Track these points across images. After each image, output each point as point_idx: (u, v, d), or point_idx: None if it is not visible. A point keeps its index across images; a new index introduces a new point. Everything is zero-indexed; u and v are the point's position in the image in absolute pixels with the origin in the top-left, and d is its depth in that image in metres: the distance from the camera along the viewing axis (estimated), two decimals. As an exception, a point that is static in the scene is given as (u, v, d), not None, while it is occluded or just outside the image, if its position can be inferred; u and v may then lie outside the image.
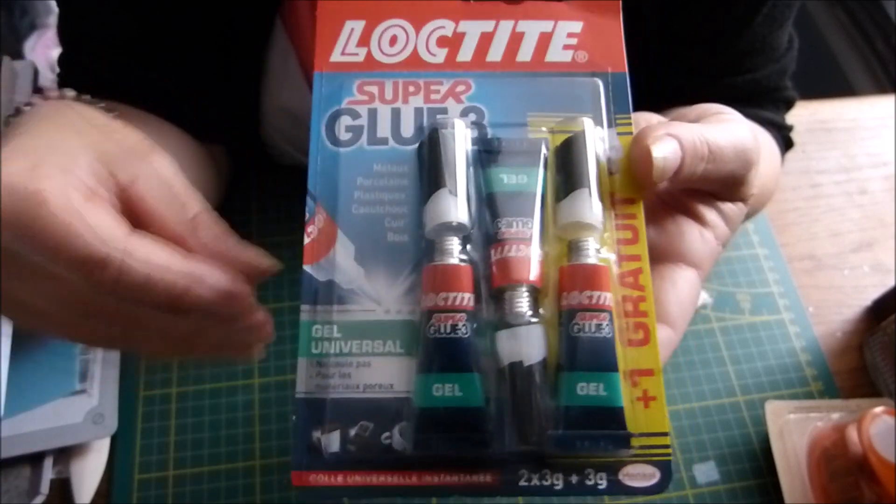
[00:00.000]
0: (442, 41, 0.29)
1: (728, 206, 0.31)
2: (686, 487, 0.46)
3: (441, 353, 0.25)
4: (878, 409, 0.43)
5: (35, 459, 0.44)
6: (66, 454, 0.45)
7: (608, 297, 0.25)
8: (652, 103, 0.50)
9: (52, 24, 1.10)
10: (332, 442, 0.25)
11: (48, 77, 0.97)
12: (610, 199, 0.27)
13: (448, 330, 0.25)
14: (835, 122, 0.65)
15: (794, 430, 0.46)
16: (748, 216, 0.51)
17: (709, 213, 0.31)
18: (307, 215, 0.27)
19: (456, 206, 0.26)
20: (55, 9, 0.49)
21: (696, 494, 0.46)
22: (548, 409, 0.25)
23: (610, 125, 0.28)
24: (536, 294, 0.26)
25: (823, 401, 0.49)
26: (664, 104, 0.50)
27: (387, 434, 0.25)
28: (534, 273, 0.26)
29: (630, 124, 0.28)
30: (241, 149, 0.54)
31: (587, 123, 0.27)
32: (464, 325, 0.25)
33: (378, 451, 0.25)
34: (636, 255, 0.27)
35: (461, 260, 0.26)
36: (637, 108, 0.31)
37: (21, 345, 0.45)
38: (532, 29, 0.29)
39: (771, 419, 0.47)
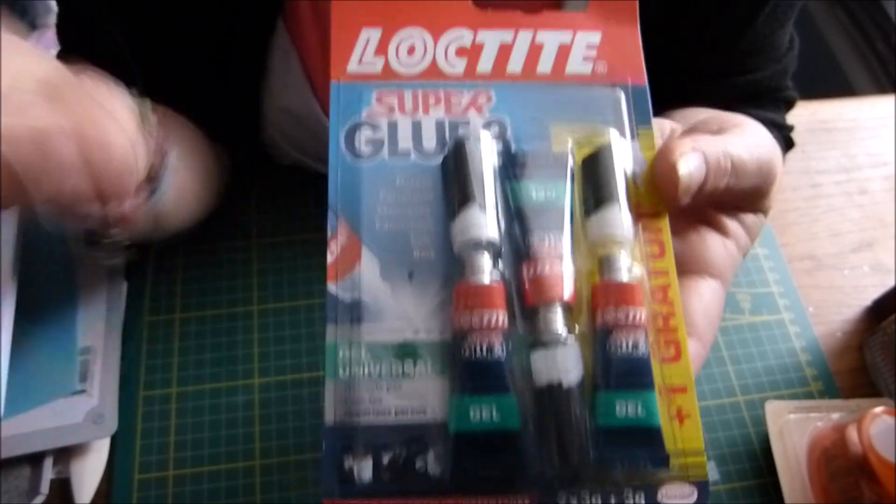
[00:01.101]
0: (461, 51, 0.28)
1: (749, 217, 0.31)
2: (686, 487, 0.46)
3: (477, 375, 0.24)
4: (878, 409, 0.43)
5: (35, 459, 0.44)
6: (66, 454, 0.45)
7: (643, 314, 0.25)
8: (653, 103, 0.50)
9: (52, 24, 1.10)
10: (364, 470, 0.24)
11: (48, 77, 0.97)
12: (636, 213, 0.27)
13: (484, 351, 0.24)
14: (835, 122, 0.65)
15: (794, 430, 0.46)
16: None
17: (731, 224, 0.31)
18: (329, 231, 0.26)
19: (486, 222, 0.25)
20: (55, 9, 0.49)
21: (696, 494, 0.46)
22: (586, 429, 0.24)
23: (633, 137, 0.28)
24: (570, 311, 0.25)
25: (823, 401, 0.49)
26: (665, 104, 0.50)
27: (420, 460, 0.24)
28: (567, 291, 0.25)
29: (651, 137, 0.28)
30: (241, 149, 0.54)
31: (614, 135, 0.27)
32: (500, 345, 0.24)
33: (413, 478, 0.24)
34: (664, 269, 0.26)
35: (493, 277, 0.25)
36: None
37: (21, 345, 0.45)
38: (551, 39, 0.29)
39: (771, 419, 0.47)
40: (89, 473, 0.44)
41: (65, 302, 0.49)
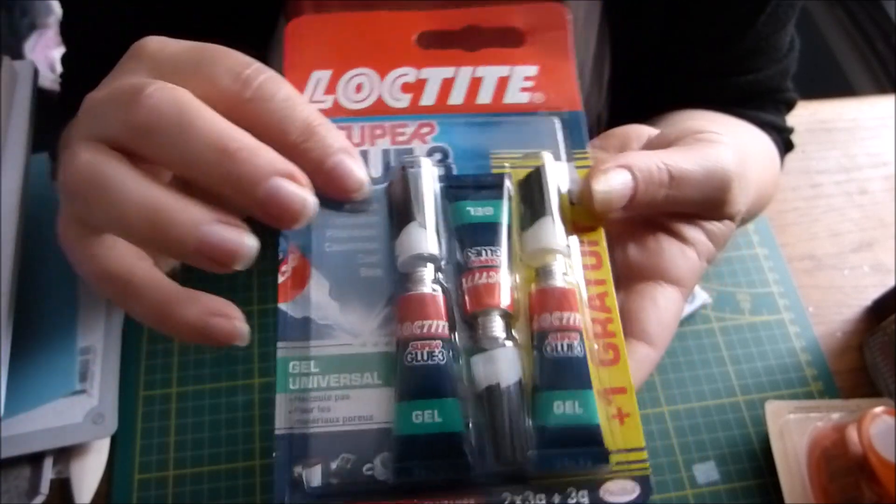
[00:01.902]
0: (406, 87, 0.30)
1: (713, 225, 0.31)
2: (686, 487, 0.46)
3: (419, 380, 0.25)
4: (878, 409, 0.43)
5: (35, 459, 0.44)
6: (66, 454, 0.45)
7: (578, 318, 0.26)
8: (655, 103, 0.50)
9: (52, 24, 1.11)
10: (313, 476, 0.25)
11: (48, 77, 0.97)
12: (573, 228, 0.28)
13: (425, 357, 0.25)
14: (835, 122, 0.65)
15: (794, 430, 0.46)
16: (746, 220, 0.51)
17: (690, 231, 0.31)
18: (280, 255, 0.27)
19: (426, 237, 0.27)
20: (55, 9, 0.49)
21: (696, 494, 0.46)
22: (527, 429, 0.25)
23: (568, 159, 0.30)
24: (509, 319, 0.27)
25: (823, 401, 0.49)
26: (667, 104, 0.50)
27: (369, 465, 0.25)
28: (505, 298, 0.26)
29: (587, 158, 0.30)
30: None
31: (547, 157, 0.29)
32: (440, 351, 0.25)
33: (361, 482, 0.25)
34: (601, 279, 0.28)
35: (434, 289, 0.27)
36: (641, 108, 0.31)
37: (21, 345, 0.45)
38: (490, 73, 0.31)
39: (771, 419, 0.47)
40: (89, 473, 0.44)
41: (65, 302, 0.49)
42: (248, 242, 0.24)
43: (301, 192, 0.24)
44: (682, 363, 0.50)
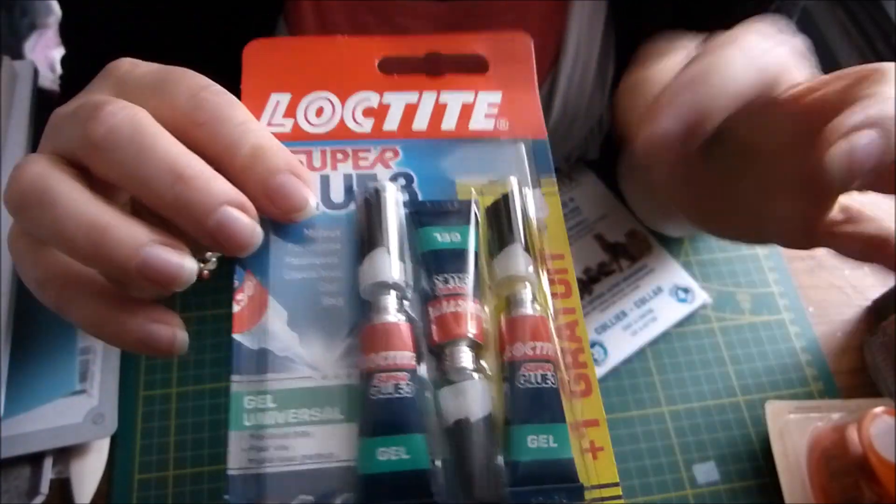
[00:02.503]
0: (368, 112, 0.29)
1: None
2: (686, 487, 0.46)
3: (385, 415, 0.24)
4: (878, 409, 0.43)
5: (35, 459, 0.44)
6: (66, 454, 0.45)
7: (550, 348, 0.26)
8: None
9: (52, 24, 1.11)
10: None
11: (48, 77, 0.97)
12: (541, 256, 0.28)
13: (391, 390, 0.24)
14: (835, 122, 0.65)
15: (795, 431, 0.46)
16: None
17: None
18: (236, 283, 0.26)
19: (391, 264, 0.26)
20: (55, 9, 0.49)
21: (696, 494, 0.46)
22: (498, 465, 0.24)
23: (535, 186, 0.29)
24: (477, 349, 0.26)
25: (823, 401, 0.49)
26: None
27: None
28: (473, 328, 0.25)
29: (554, 184, 0.29)
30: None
31: (514, 183, 0.28)
32: (406, 384, 0.24)
33: None
34: (570, 307, 0.27)
35: (399, 318, 0.25)
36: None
37: (21, 345, 0.45)
38: (454, 99, 0.30)
39: (771, 419, 0.47)
40: (89, 473, 0.44)
41: (65, 302, 0.49)
42: (188, 266, 0.24)
43: (250, 222, 0.24)
44: (682, 363, 0.50)
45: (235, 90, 0.27)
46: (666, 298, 0.50)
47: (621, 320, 0.49)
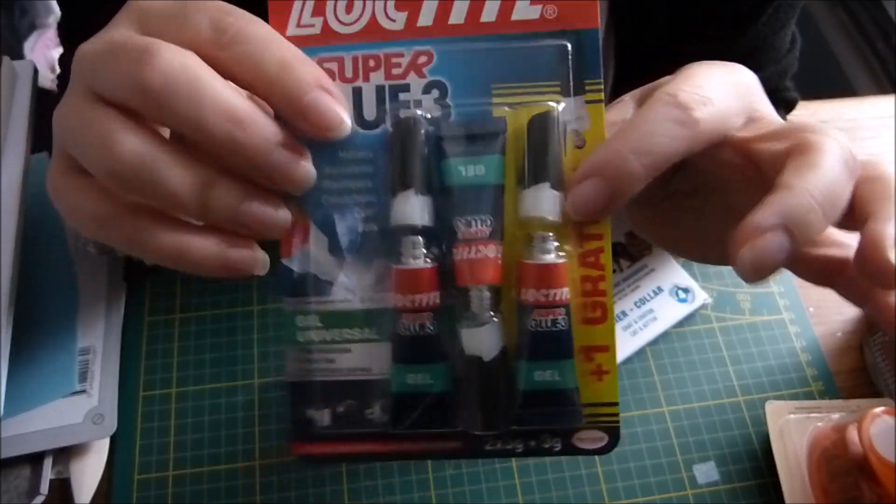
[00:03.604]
0: (401, 5, 0.27)
1: None
2: (686, 487, 0.46)
3: (411, 349, 0.27)
4: (878, 409, 0.43)
5: (35, 459, 0.44)
6: (65, 454, 0.45)
7: (564, 293, 0.27)
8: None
9: (52, 24, 1.11)
10: (323, 418, 0.28)
11: (48, 77, 0.97)
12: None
13: (416, 329, 0.27)
14: (835, 122, 0.65)
15: (795, 431, 0.46)
16: None
17: None
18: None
19: (421, 207, 0.27)
20: (55, 9, 0.49)
21: (696, 494, 0.46)
22: (507, 393, 0.28)
23: (577, 93, 0.27)
24: (497, 289, 0.28)
25: (824, 401, 0.49)
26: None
27: (370, 410, 0.28)
28: (493, 274, 0.27)
29: (601, 91, 0.27)
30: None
31: (554, 108, 0.27)
32: (430, 323, 0.27)
33: (363, 425, 0.28)
34: (598, 233, 0.27)
35: (426, 261, 0.27)
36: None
37: (21, 345, 0.45)
38: None
39: (771, 419, 0.47)
40: (89, 473, 0.44)
41: (65, 302, 0.49)
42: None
43: (302, 161, 0.26)
44: (682, 363, 0.50)
45: (263, 13, 0.27)
46: (666, 298, 0.50)
47: (621, 320, 0.49)
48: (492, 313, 0.27)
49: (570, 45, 0.27)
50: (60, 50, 0.54)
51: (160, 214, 0.26)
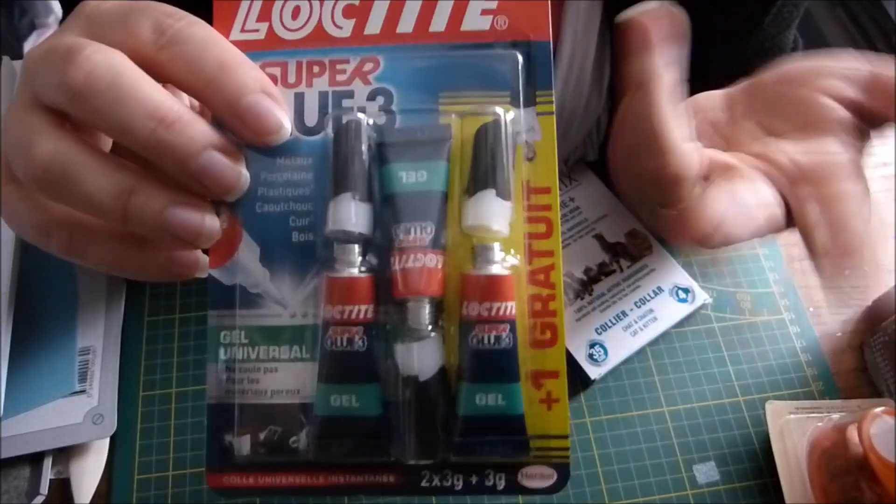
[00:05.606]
0: (348, 11, 0.26)
1: None
2: (686, 487, 0.46)
3: (338, 366, 0.25)
4: (878, 409, 0.43)
5: (35, 459, 0.44)
6: (65, 454, 0.45)
7: (511, 307, 0.25)
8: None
9: (52, 24, 1.10)
10: (242, 445, 0.25)
11: (48, 77, 0.97)
12: (525, 188, 0.26)
13: (344, 343, 0.25)
14: (835, 122, 0.65)
15: (795, 431, 0.46)
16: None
17: None
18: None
19: (358, 213, 0.25)
20: (55, 9, 0.49)
21: (696, 494, 0.46)
22: (445, 418, 0.25)
23: (528, 104, 0.26)
24: (438, 302, 0.25)
25: (824, 401, 0.49)
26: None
27: (294, 438, 0.25)
28: (434, 285, 0.25)
29: (551, 100, 0.26)
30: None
31: (501, 114, 0.26)
32: (360, 338, 0.25)
33: (286, 454, 0.25)
34: (549, 250, 0.26)
35: (361, 270, 0.25)
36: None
37: (21, 345, 0.45)
38: None
39: (771, 419, 0.47)
40: (89, 473, 0.44)
41: (65, 302, 0.49)
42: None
43: (234, 164, 0.24)
44: (682, 363, 0.50)
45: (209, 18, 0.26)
46: (666, 298, 0.50)
47: (621, 320, 0.49)
48: (430, 328, 0.25)
49: (520, 57, 0.26)
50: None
51: (98, 222, 0.25)
